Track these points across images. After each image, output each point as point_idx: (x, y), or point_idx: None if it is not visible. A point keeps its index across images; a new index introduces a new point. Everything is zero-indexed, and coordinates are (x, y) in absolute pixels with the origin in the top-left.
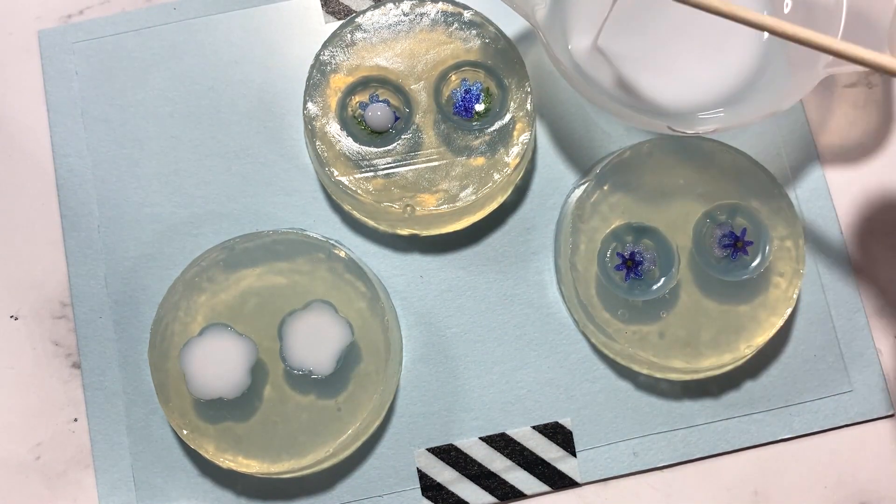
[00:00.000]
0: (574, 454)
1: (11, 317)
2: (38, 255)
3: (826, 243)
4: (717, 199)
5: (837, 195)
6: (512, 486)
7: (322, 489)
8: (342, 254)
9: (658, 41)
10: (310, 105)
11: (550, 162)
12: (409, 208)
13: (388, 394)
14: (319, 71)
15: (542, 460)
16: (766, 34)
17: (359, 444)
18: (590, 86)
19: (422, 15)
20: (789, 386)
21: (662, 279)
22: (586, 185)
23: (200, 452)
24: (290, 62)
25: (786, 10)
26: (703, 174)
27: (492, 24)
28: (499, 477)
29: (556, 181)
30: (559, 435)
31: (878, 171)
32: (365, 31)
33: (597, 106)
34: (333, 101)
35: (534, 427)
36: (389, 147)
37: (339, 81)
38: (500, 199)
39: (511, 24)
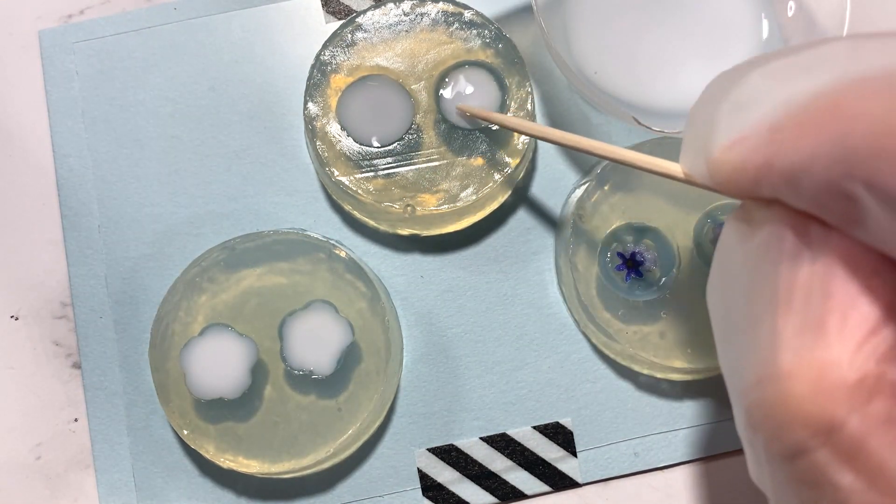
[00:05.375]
0: (575, 454)
1: (11, 317)
2: (38, 255)
3: None
4: (718, 198)
5: None
6: (513, 487)
7: (322, 489)
8: (343, 254)
9: (656, 40)
10: (310, 105)
11: (550, 162)
12: (409, 208)
13: (389, 394)
14: (320, 71)
15: (543, 460)
16: (764, 36)
17: (359, 444)
18: (580, 74)
19: (422, 15)
20: None
21: (663, 279)
22: (587, 185)
23: (201, 452)
24: (290, 62)
25: (790, 14)
26: None
27: (492, 23)
28: (499, 477)
29: (557, 181)
30: (560, 435)
31: None
32: (365, 30)
33: (579, 90)
34: (334, 101)
35: (534, 427)
36: (390, 147)
37: (339, 81)
38: (500, 199)
39: (512, 25)
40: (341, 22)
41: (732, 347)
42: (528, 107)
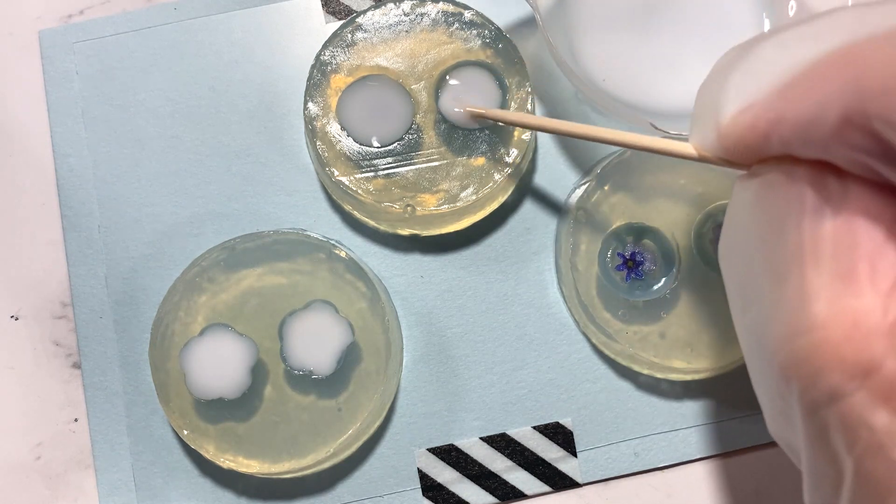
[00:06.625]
0: (575, 454)
1: (11, 317)
2: (38, 255)
3: None
4: (718, 199)
5: None
6: (513, 487)
7: (322, 489)
8: (343, 254)
9: (661, 42)
10: (310, 105)
11: (551, 162)
12: (409, 208)
13: (389, 394)
14: (320, 71)
15: (543, 460)
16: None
17: (359, 444)
18: (589, 83)
19: (422, 15)
20: None
21: (663, 279)
22: (587, 185)
23: (201, 453)
24: (290, 62)
25: (791, 13)
26: (703, 174)
27: (492, 23)
28: (499, 477)
29: (557, 181)
30: (560, 435)
31: None
32: (365, 31)
33: (590, 100)
34: (334, 101)
35: (534, 427)
36: (390, 147)
37: (339, 81)
38: (501, 199)
39: (512, 24)
40: (341, 22)
41: (754, 307)
42: (528, 107)
